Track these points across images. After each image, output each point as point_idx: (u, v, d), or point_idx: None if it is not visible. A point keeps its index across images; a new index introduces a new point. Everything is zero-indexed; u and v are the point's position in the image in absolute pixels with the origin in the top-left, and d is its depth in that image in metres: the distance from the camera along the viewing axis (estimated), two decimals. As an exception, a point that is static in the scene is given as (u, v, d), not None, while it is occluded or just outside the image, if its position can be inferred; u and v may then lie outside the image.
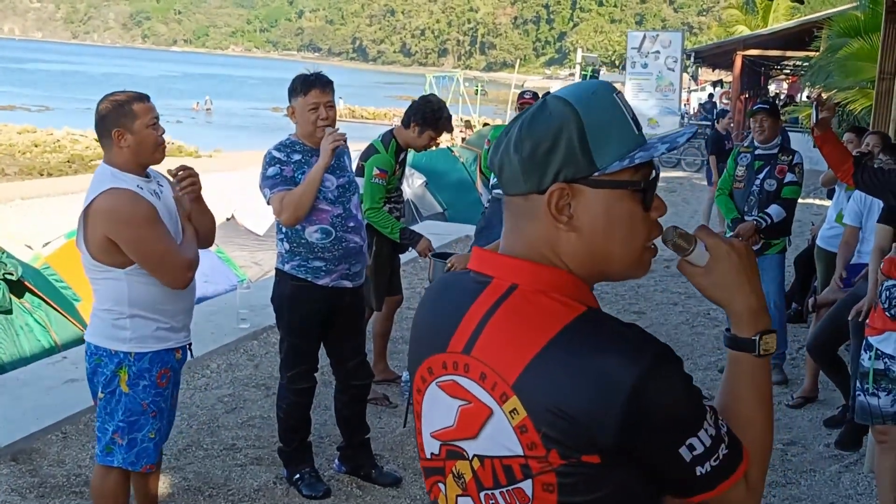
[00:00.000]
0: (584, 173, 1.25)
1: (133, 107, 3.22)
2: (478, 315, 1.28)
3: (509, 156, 1.29)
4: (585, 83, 1.34)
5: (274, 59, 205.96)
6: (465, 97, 38.89)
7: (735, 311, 1.33)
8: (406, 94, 69.05)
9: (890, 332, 3.75)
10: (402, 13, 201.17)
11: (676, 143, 1.27)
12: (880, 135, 6.14)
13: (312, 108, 4.01)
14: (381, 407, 5.39)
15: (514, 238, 1.32)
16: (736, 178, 6.17)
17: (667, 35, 23.22)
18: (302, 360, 4.24)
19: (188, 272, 3.28)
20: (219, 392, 5.51)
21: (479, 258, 1.36)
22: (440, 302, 1.40)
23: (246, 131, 42.03)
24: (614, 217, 1.27)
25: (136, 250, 3.16)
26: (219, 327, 6.47)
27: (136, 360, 3.25)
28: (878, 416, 3.86)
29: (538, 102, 1.31)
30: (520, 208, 1.31)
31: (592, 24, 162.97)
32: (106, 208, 3.13)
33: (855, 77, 14.35)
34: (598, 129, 1.25)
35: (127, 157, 3.22)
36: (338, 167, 4.09)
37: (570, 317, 1.23)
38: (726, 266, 1.31)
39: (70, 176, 23.77)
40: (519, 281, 1.28)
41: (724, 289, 1.32)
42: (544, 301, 1.25)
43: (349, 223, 4.13)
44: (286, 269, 4.15)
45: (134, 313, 3.23)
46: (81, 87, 67.69)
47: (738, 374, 1.33)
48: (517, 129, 1.29)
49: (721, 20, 54.77)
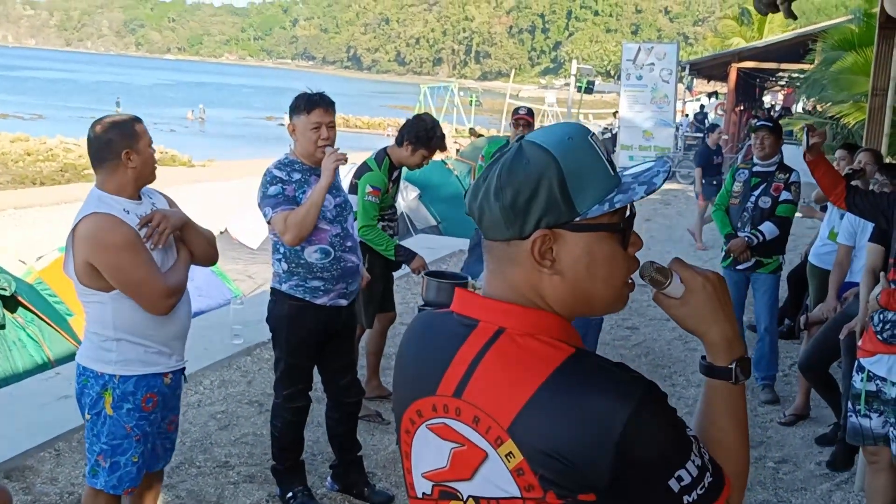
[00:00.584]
0: (566, 219, 1.28)
1: (136, 127, 3.24)
2: (467, 359, 1.30)
3: (489, 203, 1.31)
4: (559, 127, 1.36)
5: (268, 67, 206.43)
6: (459, 107, 39.01)
7: (711, 341, 1.36)
8: (401, 104, 69.29)
9: (881, 354, 3.76)
10: (396, 22, 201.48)
11: (654, 185, 1.29)
12: (872, 152, 6.15)
13: (314, 128, 4.02)
14: (374, 424, 5.39)
15: (497, 281, 1.34)
16: (733, 193, 6.20)
17: (661, 47, 23.28)
18: (298, 379, 4.25)
19: (168, 299, 3.23)
20: (212, 409, 5.51)
21: (462, 301, 1.38)
22: (425, 345, 1.41)
23: (240, 140, 42.07)
24: (596, 259, 1.30)
25: (115, 276, 3.15)
26: (212, 343, 6.47)
27: (121, 383, 3.24)
28: (869, 437, 3.88)
29: (514, 148, 1.32)
30: (502, 253, 1.33)
31: (588, 34, 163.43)
32: (87, 233, 3.13)
33: (849, 91, 14.37)
34: (577, 174, 1.28)
35: (129, 178, 3.22)
36: (334, 186, 4.11)
37: (560, 359, 1.25)
38: (702, 297, 1.35)
39: (63, 185, 23.76)
40: (506, 324, 1.30)
41: (700, 319, 1.36)
42: (533, 344, 1.27)
43: (347, 242, 4.15)
44: (283, 289, 4.15)
45: (119, 337, 3.22)
46: (75, 95, 67.70)
47: (715, 401, 1.37)
48: (496, 177, 1.30)
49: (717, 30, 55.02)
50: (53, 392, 5.43)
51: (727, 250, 6.14)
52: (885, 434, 3.82)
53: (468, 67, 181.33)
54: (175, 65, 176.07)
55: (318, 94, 4.11)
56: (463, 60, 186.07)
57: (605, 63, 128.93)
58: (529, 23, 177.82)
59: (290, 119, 4.12)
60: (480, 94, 47.93)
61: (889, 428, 3.79)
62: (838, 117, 14.77)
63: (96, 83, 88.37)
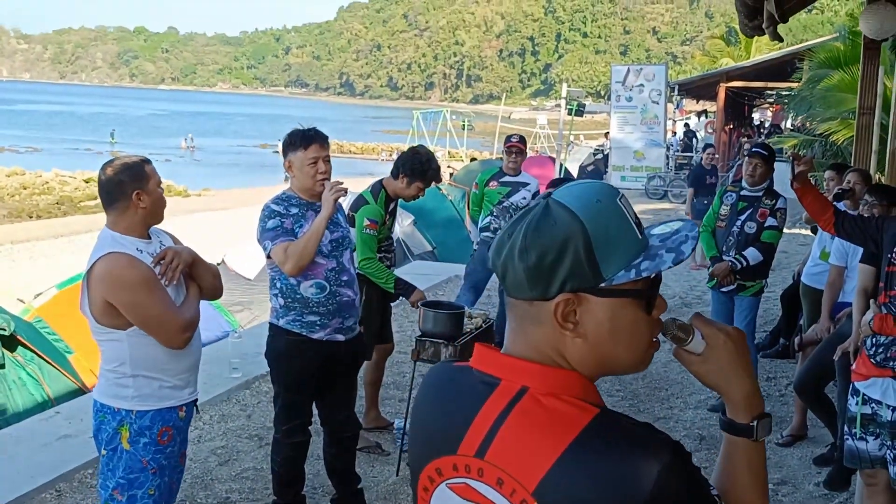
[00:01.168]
0: (590, 284, 1.26)
1: (146, 168, 3.33)
2: (489, 418, 1.28)
3: (513, 262, 1.29)
4: (588, 187, 1.33)
5: (262, 95, 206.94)
6: (451, 132, 39.14)
7: (732, 398, 1.37)
8: (394, 129, 69.47)
9: (875, 377, 3.80)
10: (388, 48, 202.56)
11: (682, 255, 1.28)
12: (861, 172, 6.21)
13: (312, 163, 4.09)
14: (373, 455, 5.41)
15: (519, 339, 1.33)
16: (720, 216, 6.25)
17: (650, 68, 23.47)
18: (297, 414, 4.28)
19: (185, 333, 3.33)
20: (212, 444, 5.53)
21: (483, 357, 1.36)
22: (444, 402, 1.39)
23: (235, 169, 42.17)
24: (620, 324, 1.29)
25: (133, 314, 3.24)
26: (211, 377, 6.47)
27: (138, 418, 3.32)
28: (866, 460, 3.90)
29: (541, 206, 1.30)
30: (525, 312, 1.32)
31: (577, 56, 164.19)
32: (104, 273, 3.22)
33: (837, 108, 14.48)
34: (604, 239, 1.26)
35: (139, 218, 3.31)
36: (332, 221, 4.15)
37: (585, 420, 1.24)
38: (723, 354, 1.35)
39: (60, 218, 23.79)
40: (529, 383, 1.28)
41: (722, 376, 1.36)
42: (557, 404, 1.25)
43: (343, 277, 4.19)
44: (281, 324, 4.20)
45: (136, 373, 3.31)
46: (70, 128, 67.87)
47: (736, 457, 1.38)
48: (521, 237, 1.28)
49: (705, 49, 55.30)
50: (53, 432, 5.44)
51: (711, 273, 6.22)
52: (882, 456, 3.84)
53: (460, 91, 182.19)
54: (169, 95, 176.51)
55: (311, 129, 4.17)
56: (454, 84, 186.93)
57: (595, 84, 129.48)
58: (519, 46, 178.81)
59: (286, 155, 4.17)
60: (472, 118, 48.08)
61: (886, 450, 3.81)
62: (827, 134, 14.87)
63: (91, 115, 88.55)
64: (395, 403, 6.24)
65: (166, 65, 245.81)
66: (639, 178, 22.49)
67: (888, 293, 3.77)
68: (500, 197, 7.47)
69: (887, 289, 3.79)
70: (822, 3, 74.01)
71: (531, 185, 7.57)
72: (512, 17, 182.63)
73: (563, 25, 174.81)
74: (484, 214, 7.58)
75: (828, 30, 36.39)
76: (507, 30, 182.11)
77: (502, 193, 7.47)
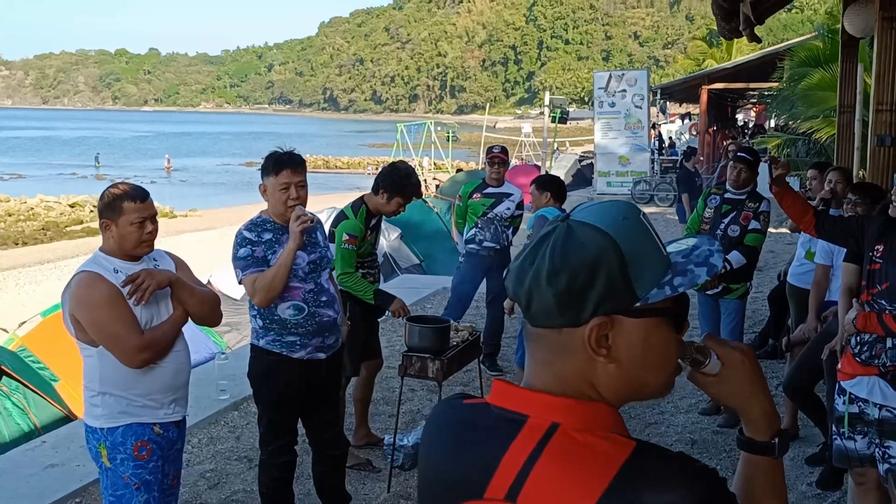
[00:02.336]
0: (625, 305, 1.22)
1: (123, 204, 3.37)
2: (519, 458, 1.20)
3: (540, 289, 1.22)
4: (609, 206, 1.28)
5: (246, 113, 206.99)
6: (436, 143, 39.20)
7: (751, 417, 1.35)
8: (379, 142, 69.61)
9: (861, 376, 3.79)
10: (371, 61, 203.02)
11: (715, 267, 1.25)
12: (842, 171, 6.22)
13: (283, 188, 4.05)
14: (364, 472, 5.37)
15: (544, 372, 1.27)
16: (704, 219, 6.23)
17: (632, 73, 23.52)
18: (281, 434, 4.25)
19: (141, 353, 3.35)
20: (201, 467, 5.48)
21: (504, 393, 1.29)
22: (463, 443, 1.29)
23: (221, 188, 42.13)
24: (652, 345, 1.25)
25: (93, 330, 3.33)
26: (199, 399, 6.42)
27: (110, 434, 3.37)
28: (855, 459, 3.89)
29: (562, 230, 1.24)
30: (552, 342, 1.25)
31: (560, 63, 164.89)
32: (73, 290, 3.34)
33: (819, 106, 14.51)
34: (636, 257, 1.22)
35: (112, 247, 3.42)
36: (309, 243, 4.13)
37: (623, 456, 1.18)
38: (741, 374, 1.33)
39: (46, 244, 23.68)
40: (560, 419, 1.21)
41: (740, 396, 1.35)
42: (592, 441, 1.20)
43: (321, 297, 4.16)
44: (261, 345, 4.18)
45: (105, 391, 3.37)
46: (54, 153, 67.73)
47: (757, 476, 1.36)
48: (547, 261, 1.22)
49: (686, 52, 55.61)
50: (39, 461, 5.37)
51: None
52: (871, 455, 3.83)
53: (444, 102, 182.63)
54: (153, 116, 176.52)
55: (287, 153, 4.13)
56: (438, 96, 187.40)
57: (578, 90, 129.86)
58: (502, 55, 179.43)
59: (262, 179, 4.15)
60: (457, 128, 48.16)
61: (874, 448, 3.80)
62: (809, 133, 14.91)
63: (75, 139, 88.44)
64: (385, 419, 6.21)
65: (149, 86, 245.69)
66: (624, 182, 22.53)
67: (870, 291, 3.77)
68: (485, 208, 7.46)
69: (869, 287, 3.79)
70: (802, 1, 74.39)
71: (515, 195, 7.57)
72: (493, 27, 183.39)
73: (545, 33, 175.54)
74: (469, 226, 7.57)
75: (808, 28, 36.64)
76: (488, 39, 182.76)
77: (486, 205, 7.46)
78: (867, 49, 9.33)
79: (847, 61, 8.50)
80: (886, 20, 6.30)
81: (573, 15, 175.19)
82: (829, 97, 13.48)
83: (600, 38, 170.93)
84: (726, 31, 8.14)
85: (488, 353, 7.41)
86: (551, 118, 20.03)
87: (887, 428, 3.71)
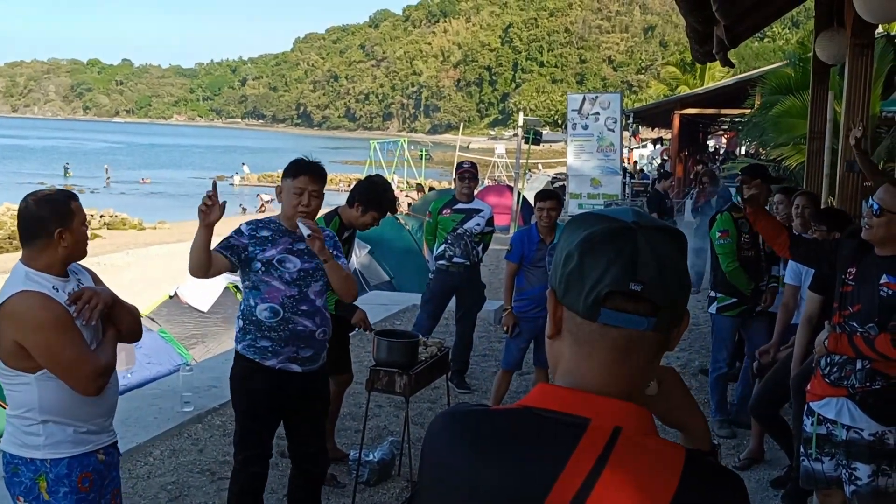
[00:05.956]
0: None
1: (72, 205, 3.16)
2: (585, 464, 1.16)
3: (685, 291, 1.25)
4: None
5: (218, 126, 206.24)
6: (409, 161, 39.23)
7: (693, 430, 1.38)
8: (352, 159, 69.44)
9: (830, 397, 3.79)
10: (345, 78, 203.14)
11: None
12: (808, 195, 6.27)
13: (297, 193, 4.11)
14: (328, 487, 5.29)
15: (610, 374, 1.23)
16: (744, 245, 6.31)
17: (606, 97, 23.67)
18: (252, 444, 4.20)
19: (99, 379, 3.13)
20: (162, 480, 5.38)
21: (552, 395, 1.24)
22: (511, 451, 1.21)
23: (190, 200, 41.66)
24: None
25: (45, 357, 3.04)
26: (162, 412, 6.34)
27: (53, 467, 3.12)
28: (822, 481, 3.89)
29: (653, 232, 1.24)
30: (634, 343, 1.23)
31: (534, 85, 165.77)
32: (15, 312, 3.02)
33: (789, 133, 14.65)
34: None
35: (59, 257, 3.13)
36: (306, 252, 4.11)
37: (680, 460, 1.19)
38: (679, 390, 1.36)
39: (12, 253, 23.37)
40: (621, 423, 1.19)
41: (682, 411, 1.37)
42: (655, 444, 1.20)
43: (301, 306, 4.11)
44: (238, 349, 4.20)
45: (46, 419, 3.10)
46: (23, 162, 67.05)
47: None
48: (675, 261, 1.24)
49: (660, 77, 56.12)
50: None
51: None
52: (838, 477, 3.83)
53: (418, 121, 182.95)
54: (124, 127, 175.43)
55: (312, 161, 4.20)
56: (413, 114, 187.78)
57: (552, 113, 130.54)
58: (477, 76, 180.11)
59: (281, 181, 4.21)
60: (431, 147, 48.25)
61: (841, 470, 3.80)
62: (780, 160, 15.05)
63: (45, 148, 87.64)
64: (351, 434, 6.14)
65: (121, 97, 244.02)
66: (596, 205, 22.63)
67: (842, 313, 3.78)
68: (454, 224, 7.45)
69: (841, 309, 3.79)
70: (775, 31, 75.38)
71: (485, 211, 7.57)
72: (469, 48, 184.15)
73: (520, 55, 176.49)
74: (439, 242, 7.55)
75: (779, 57, 37.05)
76: (464, 60, 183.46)
77: (456, 220, 7.45)
78: (837, 78, 9.45)
79: (817, 88, 8.59)
80: (858, 46, 6.38)
81: (548, 38, 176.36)
82: (798, 124, 13.60)
83: (575, 61, 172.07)
84: (700, 55, 8.21)
85: (456, 370, 7.37)
86: (525, 139, 20.05)
87: (854, 450, 3.72)
